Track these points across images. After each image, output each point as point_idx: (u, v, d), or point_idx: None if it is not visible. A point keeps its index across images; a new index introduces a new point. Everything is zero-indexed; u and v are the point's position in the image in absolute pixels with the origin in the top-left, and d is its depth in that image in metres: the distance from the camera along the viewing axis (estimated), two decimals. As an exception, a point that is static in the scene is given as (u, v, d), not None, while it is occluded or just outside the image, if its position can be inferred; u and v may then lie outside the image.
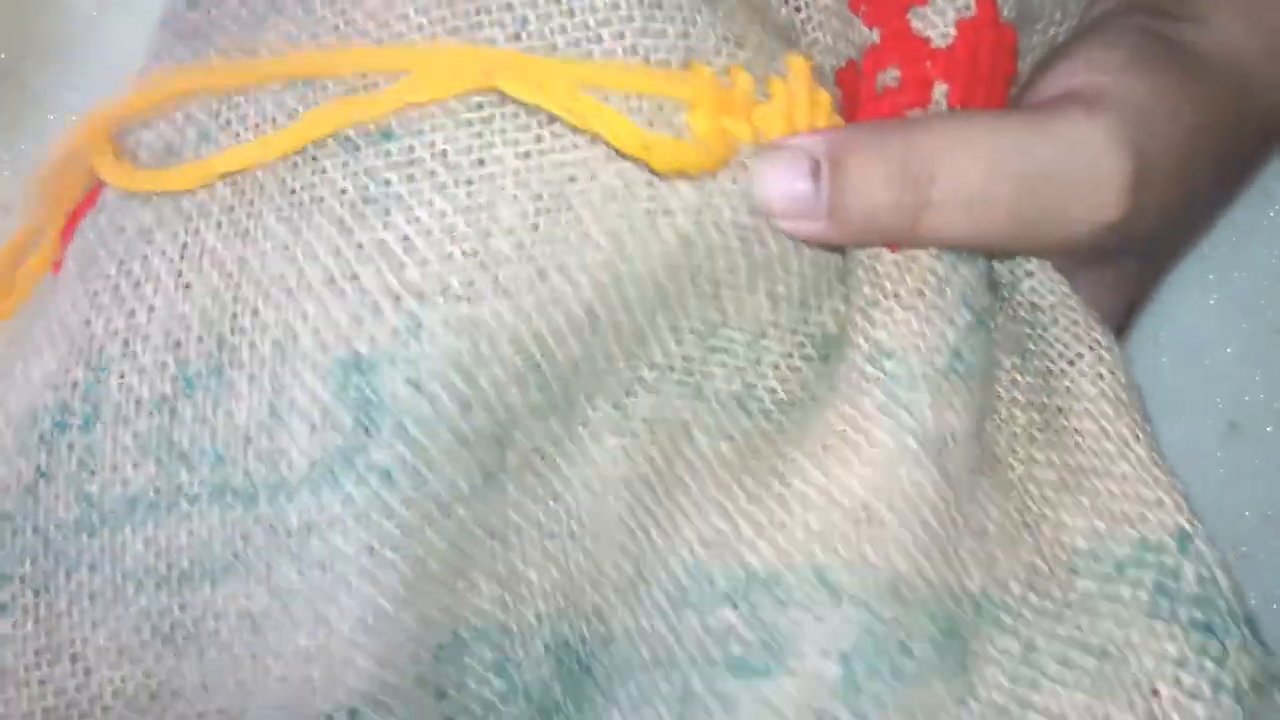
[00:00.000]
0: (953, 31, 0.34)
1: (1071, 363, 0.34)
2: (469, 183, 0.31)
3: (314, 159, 0.32)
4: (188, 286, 0.32)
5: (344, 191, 0.32)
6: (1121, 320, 0.41)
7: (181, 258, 0.33)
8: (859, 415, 0.33)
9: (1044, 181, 0.33)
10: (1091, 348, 0.34)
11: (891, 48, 0.35)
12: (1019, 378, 0.35)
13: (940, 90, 0.34)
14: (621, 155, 0.32)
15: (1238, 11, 0.37)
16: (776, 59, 0.35)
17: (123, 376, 0.32)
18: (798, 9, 0.38)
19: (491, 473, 0.34)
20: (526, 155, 0.32)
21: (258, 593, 0.32)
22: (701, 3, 0.34)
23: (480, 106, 0.32)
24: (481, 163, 0.32)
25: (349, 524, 0.31)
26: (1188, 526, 0.32)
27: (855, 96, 0.37)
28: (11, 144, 0.46)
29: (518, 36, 0.32)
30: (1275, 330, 0.47)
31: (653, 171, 0.32)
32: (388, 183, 0.32)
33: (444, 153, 0.32)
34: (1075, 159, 0.33)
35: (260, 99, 0.33)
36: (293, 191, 0.32)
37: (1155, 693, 0.31)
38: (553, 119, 0.32)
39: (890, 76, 0.35)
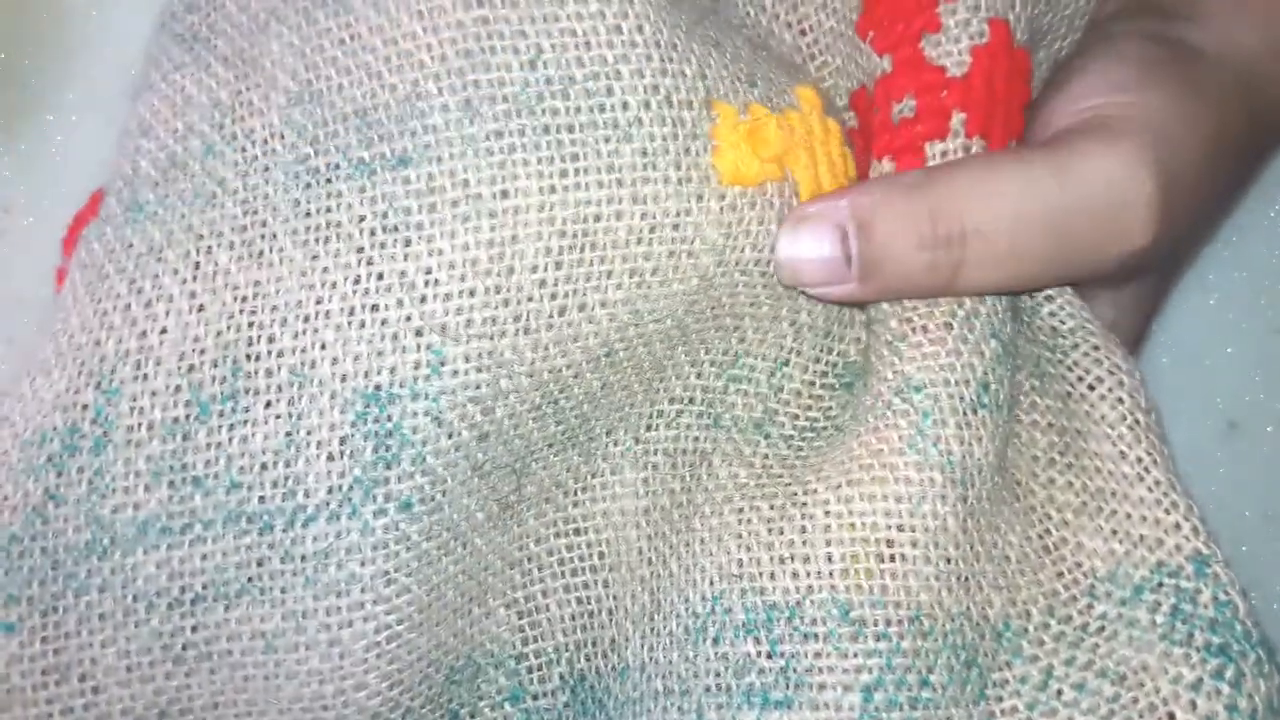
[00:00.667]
0: (968, 59, 0.33)
1: (1092, 387, 0.34)
2: (492, 215, 0.31)
3: (328, 180, 0.31)
4: (201, 308, 0.32)
5: (362, 219, 0.31)
6: (1138, 337, 0.40)
7: (194, 278, 0.32)
8: (885, 448, 0.32)
9: (1074, 222, 0.32)
10: (1111, 372, 0.34)
11: (905, 77, 0.34)
12: (1038, 400, 0.35)
13: (958, 119, 0.33)
14: (641, 200, 0.31)
15: (1240, 8, 0.36)
16: (787, 92, 0.34)
17: (134, 399, 0.31)
18: (803, 32, 0.37)
19: (509, 504, 0.34)
20: (552, 190, 0.31)
21: (272, 615, 0.31)
22: (710, 45, 0.33)
23: (500, 135, 0.31)
24: (505, 194, 0.31)
25: (367, 552, 0.31)
26: (1205, 550, 0.32)
27: (870, 122, 0.36)
28: (11, 144, 0.45)
29: (533, 65, 0.31)
30: (1275, 330, 0.47)
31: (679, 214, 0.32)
32: (408, 211, 0.31)
33: (466, 181, 0.31)
34: (1103, 194, 0.32)
35: (265, 112, 0.32)
36: (308, 214, 0.31)
37: (1172, 717, 0.30)
38: (575, 155, 0.31)
39: (906, 106, 0.34)
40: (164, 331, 0.32)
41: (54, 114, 0.45)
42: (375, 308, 0.31)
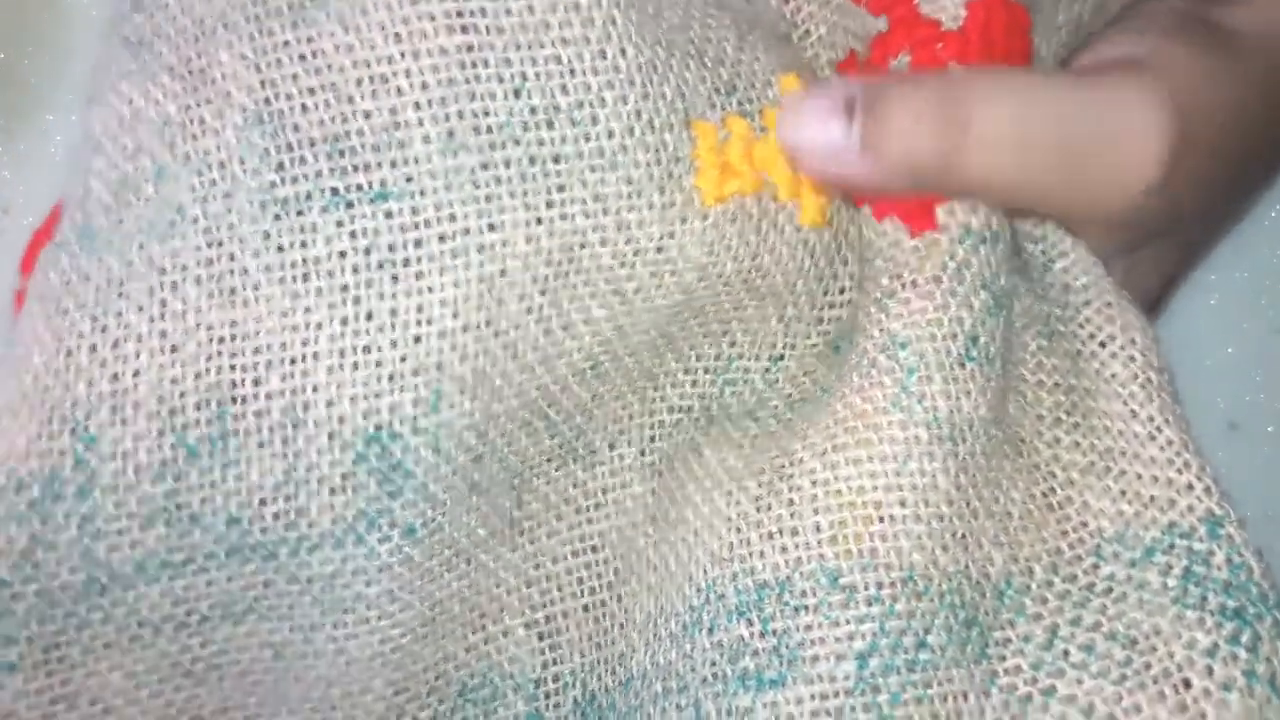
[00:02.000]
0: (962, 12, 0.32)
1: (1103, 344, 0.32)
2: (480, 250, 0.29)
3: (299, 213, 0.29)
4: (174, 349, 0.29)
5: (344, 254, 0.29)
6: (1155, 303, 0.39)
7: (162, 315, 0.29)
8: (870, 408, 0.31)
9: (1086, 130, 0.31)
10: (1124, 329, 0.32)
11: (901, 33, 0.33)
12: (1045, 360, 0.33)
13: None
14: (626, 226, 0.30)
15: None
16: (771, 84, 0.33)
17: (116, 443, 0.29)
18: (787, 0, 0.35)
19: (514, 519, 0.33)
20: (538, 221, 0.29)
21: (280, 628, 0.31)
22: (689, 57, 0.31)
23: (485, 167, 0.29)
24: (492, 228, 0.29)
25: (373, 574, 0.30)
26: (1218, 510, 0.30)
27: None
28: (11, 144, 0.44)
29: (518, 94, 0.29)
30: (1275, 330, 0.46)
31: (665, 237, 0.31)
32: (393, 247, 0.29)
33: (453, 216, 0.29)
34: (1117, 112, 0.31)
35: (220, 131, 0.30)
36: (280, 249, 0.29)
37: (1187, 684, 0.29)
38: (561, 185, 0.30)
39: (901, 62, 0.33)
40: (137, 374, 0.29)
41: (54, 114, 0.44)
42: (368, 349, 0.29)
